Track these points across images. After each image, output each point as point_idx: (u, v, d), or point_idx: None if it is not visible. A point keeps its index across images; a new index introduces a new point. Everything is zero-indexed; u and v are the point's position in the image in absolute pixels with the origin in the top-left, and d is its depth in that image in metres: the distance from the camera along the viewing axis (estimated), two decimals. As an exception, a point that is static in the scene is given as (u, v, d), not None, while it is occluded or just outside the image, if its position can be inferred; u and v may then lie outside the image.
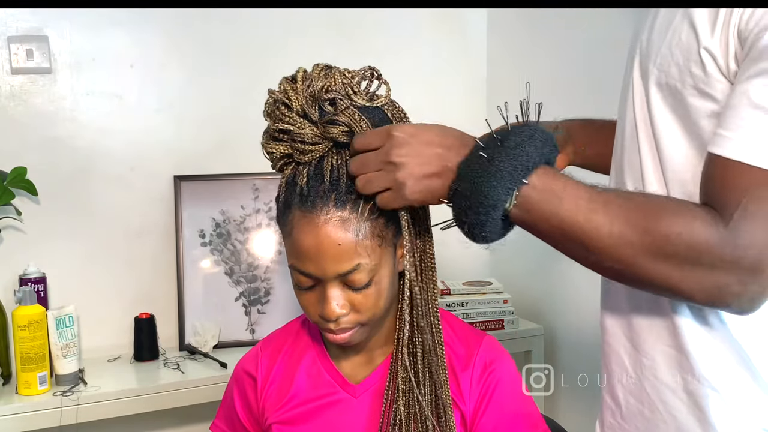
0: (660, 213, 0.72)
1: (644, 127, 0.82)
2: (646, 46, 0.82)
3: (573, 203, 0.75)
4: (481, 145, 0.79)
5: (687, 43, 0.74)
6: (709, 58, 0.72)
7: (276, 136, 0.91)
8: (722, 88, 0.73)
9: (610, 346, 0.90)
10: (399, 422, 0.93)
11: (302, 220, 0.88)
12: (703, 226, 0.70)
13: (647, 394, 0.85)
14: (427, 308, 0.94)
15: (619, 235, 0.73)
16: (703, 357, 0.79)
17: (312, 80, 0.89)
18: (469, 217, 0.78)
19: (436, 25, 2.10)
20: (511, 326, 1.90)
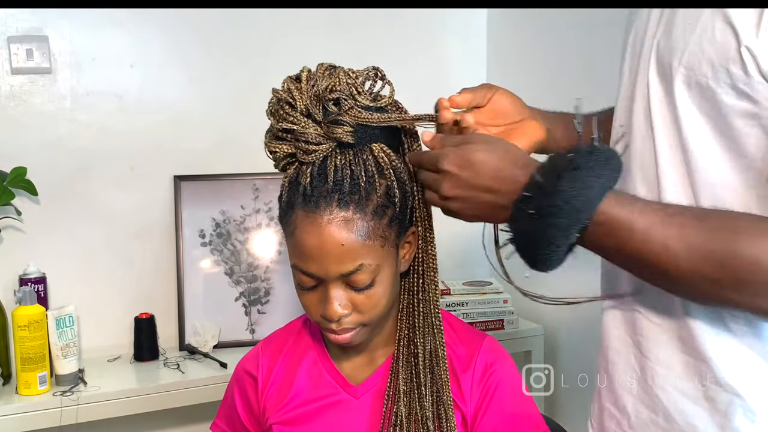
0: (736, 239, 0.68)
1: (664, 127, 0.78)
2: (667, 45, 0.77)
3: (644, 233, 0.71)
4: (527, 196, 0.74)
5: (723, 41, 0.70)
6: (750, 58, 0.68)
7: (279, 135, 0.91)
8: (763, 91, 0.69)
9: (617, 352, 0.87)
10: (400, 423, 0.93)
11: (305, 220, 0.88)
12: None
13: (662, 403, 0.81)
14: (428, 309, 0.94)
15: (696, 264, 0.69)
16: (724, 363, 0.76)
17: (316, 80, 0.89)
18: (529, 256, 0.77)
19: (436, 25, 2.10)
20: (511, 326, 1.90)
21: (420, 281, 0.95)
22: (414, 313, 0.95)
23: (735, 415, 0.77)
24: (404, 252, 0.95)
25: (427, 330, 0.94)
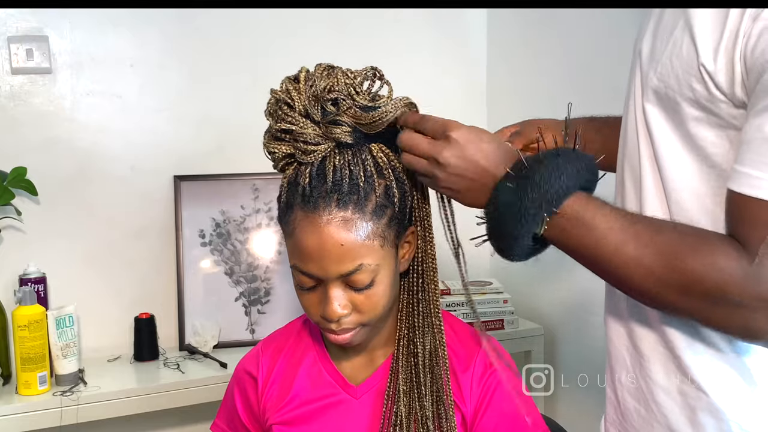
0: (686, 249, 0.72)
1: (643, 131, 0.82)
2: (649, 52, 0.82)
3: (603, 234, 0.76)
4: (511, 174, 0.80)
5: (687, 57, 0.74)
6: (709, 78, 0.72)
7: (278, 135, 0.91)
8: (723, 107, 0.72)
9: (613, 343, 0.91)
10: (400, 423, 0.93)
11: (304, 220, 0.88)
12: (727, 261, 0.70)
13: (643, 393, 0.86)
14: (428, 309, 0.94)
15: (648, 268, 0.73)
16: (693, 360, 0.80)
17: (314, 80, 0.89)
18: (499, 242, 0.81)
19: (436, 25, 2.10)
20: (511, 326, 1.90)
21: (420, 281, 0.95)
22: (414, 313, 0.95)
23: (701, 411, 0.81)
24: (404, 252, 0.94)
25: (426, 330, 0.94)
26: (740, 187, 0.69)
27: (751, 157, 0.68)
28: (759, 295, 0.68)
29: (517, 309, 1.93)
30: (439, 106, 1.21)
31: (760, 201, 0.67)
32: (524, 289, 2.01)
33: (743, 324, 0.71)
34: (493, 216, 0.80)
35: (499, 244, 0.82)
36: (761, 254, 0.68)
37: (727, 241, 0.71)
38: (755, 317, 0.69)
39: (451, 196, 0.86)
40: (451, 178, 0.82)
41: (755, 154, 0.68)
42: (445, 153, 0.82)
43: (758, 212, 0.68)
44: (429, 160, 0.83)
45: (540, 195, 0.77)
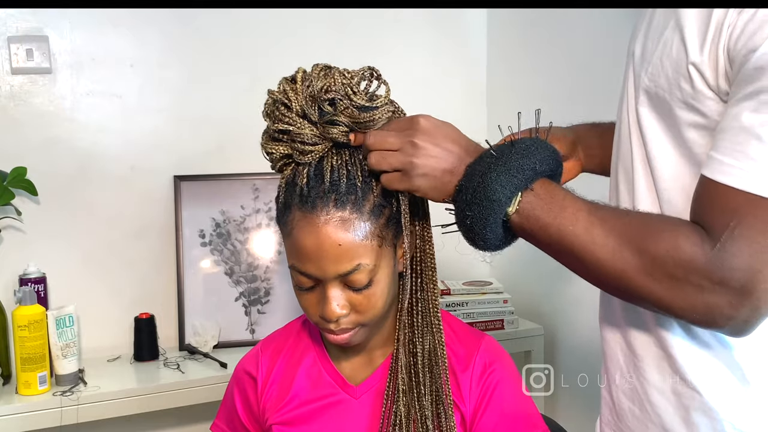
0: (650, 230, 0.74)
1: (636, 133, 0.83)
2: (641, 53, 0.83)
3: (572, 214, 0.77)
4: (492, 146, 0.81)
5: (677, 56, 0.75)
6: (697, 74, 0.73)
7: (276, 136, 0.91)
8: (711, 105, 0.73)
9: (608, 344, 0.92)
10: (399, 423, 0.93)
11: (302, 220, 0.88)
12: (688, 243, 0.71)
13: (638, 393, 0.86)
14: (427, 308, 0.94)
15: (613, 249, 0.74)
16: (687, 359, 0.81)
17: (311, 80, 0.89)
18: (472, 211, 0.80)
19: (436, 25, 2.10)
20: (511, 326, 1.90)
21: (418, 280, 0.95)
22: (413, 313, 0.95)
23: (694, 411, 0.81)
24: (402, 252, 0.95)
25: (426, 329, 0.94)
26: (713, 173, 0.70)
27: (725, 144, 0.70)
28: (720, 279, 0.69)
29: (517, 309, 1.93)
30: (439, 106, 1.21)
31: (730, 188, 0.69)
32: (524, 289, 2.01)
33: (705, 309, 0.71)
34: (465, 198, 0.80)
35: (472, 217, 0.81)
36: (724, 240, 0.69)
37: (690, 226, 0.73)
38: (717, 302, 0.70)
39: (425, 187, 0.84)
40: (428, 162, 0.82)
41: (730, 143, 0.69)
42: (418, 136, 0.82)
43: (727, 199, 0.69)
44: (403, 151, 0.83)
45: (519, 162, 0.78)
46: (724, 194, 0.69)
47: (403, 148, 0.83)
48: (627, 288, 0.76)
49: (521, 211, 0.79)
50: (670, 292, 0.72)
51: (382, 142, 0.85)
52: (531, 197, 0.79)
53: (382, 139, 0.85)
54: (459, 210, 0.82)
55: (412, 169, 0.82)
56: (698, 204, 0.73)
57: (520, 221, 0.80)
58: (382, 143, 0.85)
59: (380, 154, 0.85)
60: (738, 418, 0.80)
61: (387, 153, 0.84)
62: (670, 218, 0.77)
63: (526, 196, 0.79)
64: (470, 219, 0.80)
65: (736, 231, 0.68)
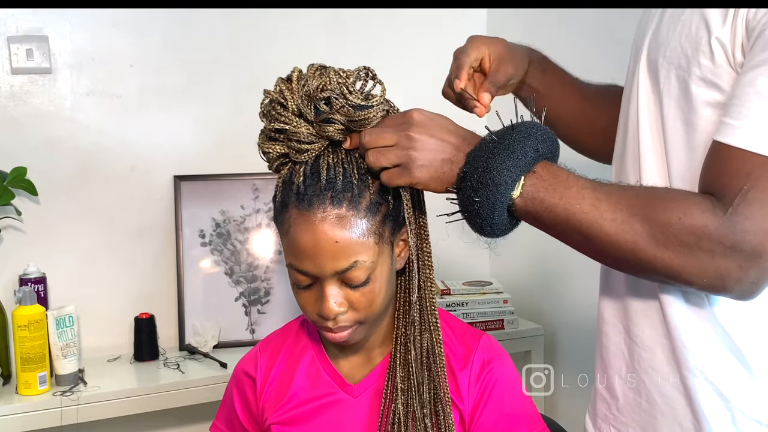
0: (659, 200, 0.74)
1: (649, 122, 0.83)
2: (655, 42, 0.83)
3: (578, 192, 0.77)
4: (491, 132, 0.82)
5: (696, 34, 0.75)
6: (719, 48, 0.73)
7: (272, 136, 0.92)
8: (728, 79, 0.74)
9: (609, 338, 0.91)
10: (398, 421, 0.93)
11: (299, 218, 0.88)
12: (700, 210, 0.71)
13: (646, 386, 0.86)
14: (425, 306, 0.95)
15: (622, 221, 0.74)
16: (695, 349, 0.81)
17: (307, 80, 0.90)
18: (479, 196, 0.79)
19: (436, 25, 2.10)
20: (511, 326, 1.90)
21: (416, 278, 0.95)
22: (411, 311, 0.95)
23: (707, 403, 0.81)
24: (399, 249, 0.95)
25: (423, 327, 0.94)
26: (726, 137, 0.71)
27: (739, 110, 0.70)
28: (733, 243, 0.70)
29: (517, 309, 1.93)
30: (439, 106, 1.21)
31: (744, 151, 0.69)
32: (524, 289, 2.01)
33: (715, 273, 0.72)
34: (470, 185, 0.80)
35: (479, 203, 0.80)
36: (736, 204, 0.69)
37: (700, 195, 0.73)
38: (728, 266, 0.71)
39: (426, 179, 0.83)
40: (426, 154, 0.82)
41: (745, 108, 0.70)
42: (413, 129, 0.82)
43: (741, 162, 0.70)
44: (399, 145, 0.83)
45: (522, 144, 0.78)
46: (738, 158, 0.70)
47: (399, 142, 0.83)
48: (638, 260, 0.76)
49: (525, 195, 0.79)
50: (681, 259, 0.73)
51: (377, 139, 0.85)
52: (534, 179, 0.79)
53: (377, 136, 0.85)
54: (464, 197, 0.81)
55: (410, 162, 0.82)
56: (709, 170, 0.74)
57: (524, 204, 0.80)
58: (378, 140, 0.85)
59: (378, 152, 0.85)
60: (749, 406, 0.80)
61: (384, 149, 0.84)
62: (677, 189, 0.78)
63: (529, 179, 0.79)
64: (478, 204, 0.80)
65: (750, 194, 0.69)
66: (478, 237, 0.86)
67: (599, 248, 0.78)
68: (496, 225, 0.81)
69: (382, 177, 0.86)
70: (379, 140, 0.85)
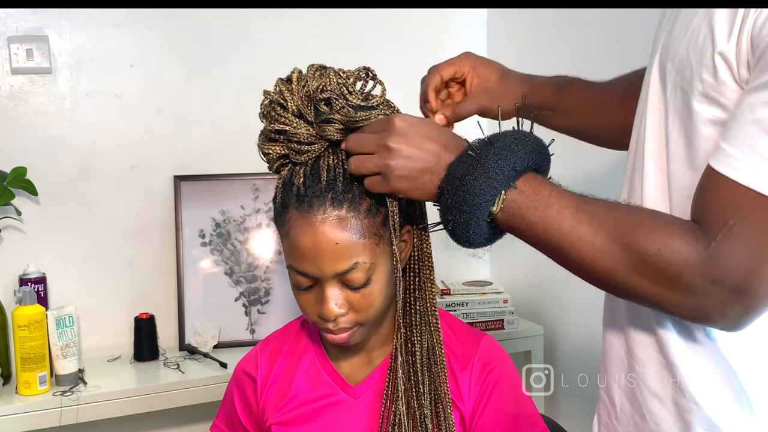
0: (641, 227, 0.71)
1: (654, 130, 0.79)
2: (668, 45, 0.79)
3: (558, 211, 0.75)
4: (470, 145, 0.79)
5: (702, 46, 0.71)
6: (723, 64, 0.69)
7: (272, 137, 0.91)
8: (733, 96, 0.70)
9: (612, 345, 0.89)
10: (399, 422, 0.92)
11: (299, 219, 0.88)
12: (681, 244, 0.68)
13: (638, 399, 0.83)
14: (425, 307, 0.95)
15: (601, 246, 0.72)
16: (688, 370, 0.77)
17: (307, 81, 0.89)
18: (453, 215, 0.78)
19: (436, 25, 2.10)
20: (511, 326, 1.90)
21: (416, 279, 0.95)
22: (411, 312, 0.95)
23: (695, 425, 0.77)
24: (400, 251, 0.94)
25: (424, 328, 0.94)
26: (719, 164, 0.67)
27: (736, 135, 0.67)
28: (714, 279, 0.67)
29: (517, 309, 1.93)
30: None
31: (735, 183, 0.66)
32: (524, 289, 2.01)
33: (696, 306, 0.69)
34: (446, 202, 0.79)
35: (453, 221, 0.79)
36: (720, 239, 0.66)
37: (684, 224, 0.70)
38: (709, 301, 0.68)
39: (405, 188, 0.82)
40: (404, 163, 0.80)
41: (741, 134, 0.66)
42: (392, 138, 0.81)
43: (730, 194, 0.66)
44: (378, 154, 0.82)
45: (498, 163, 0.76)
46: (728, 188, 0.66)
47: (378, 151, 0.82)
48: (617, 285, 0.74)
49: (506, 210, 0.77)
50: (659, 290, 0.70)
51: (358, 145, 0.85)
52: (515, 195, 0.77)
53: (358, 142, 0.85)
54: (441, 212, 0.80)
55: (388, 172, 0.81)
56: (701, 195, 0.71)
57: (505, 219, 0.78)
58: (358, 147, 0.85)
59: (358, 158, 0.85)
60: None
61: (365, 156, 0.84)
62: (662, 215, 0.74)
63: (511, 194, 0.77)
64: (452, 223, 0.79)
65: (735, 229, 0.66)
66: None
67: (579, 269, 0.76)
68: (472, 240, 0.80)
69: (365, 183, 0.86)
70: (360, 147, 0.85)
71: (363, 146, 0.84)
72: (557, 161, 0.86)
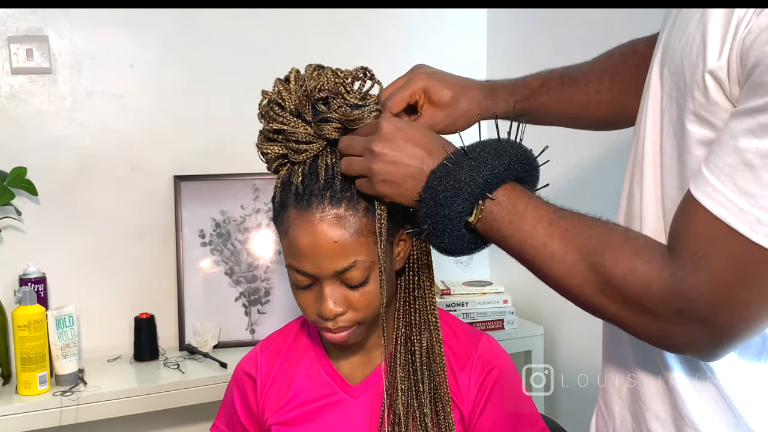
0: (610, 248, 0.69)
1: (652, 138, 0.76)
2: (666, 44, 0.75)
3: (532, 226, 0.74)
4: (449, 154, 0.79)
5: (695, 61, 0.67)
6: (713, 83, 0.65)
7: (270, 136, 0.92)
8: (725, 117, 0.65)
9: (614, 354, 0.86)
10: (398, 422, 0.93)
11: (298, 218, 0.88)
12: (647, 269, 0.66)
13: (638, 417, 0.81)
14: (424, 306, 0.95)
15: (571, 264, 0.71)
16: (688, 396, 0.74)
17: (305, 80, 0.90)
18: (427, 224, 0.78)
19: (436, 25, 2.10)
20: (511, 326, 1.90)
21: (416, 278, 0.96)
22: (410, 311, 0.95)
23: None
24: (399, 250, 0.95)
25: (423, 327, 0.94)
26: (696, 190, 0.64)
27: (716, 162, 0.63)
28: (678, 308, 0.64)
29: (517, 309, 1.93)
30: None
31: (710, 213, 0.62)
32: (524, 289, 2.01)
33: (663, 334, 0.68)
34: (422, 210, 0.78)
35: (428, 231, 0.79)
36: (687, 270, 0.63)
37: (655, 249, 0.67)
38: (672, 330, 0.66)
39: (389, 193, 0.82)
40: (388, 168, 0.80)
41: (721, 161, 0.62)
42: (377, 143, 0.81)
43: (704, 224, 0.63)
44: (365, 157, 0.82)
45: (471, 175, 0.75)
46: (702, 217, 0.63)
47: (364, 153, 0.82)
48: (586, 304, 0.72)
49: (484, 221, 0.76)
50: (626, 314, 0.69)
51: (347, 147, 0.85)
52: (493, 206, 0.76)
53: (348, 144, 0.85)
54: (419, 220, 0.80)
55: (372, 175, 0.82)
56: (677, 218, 0.68)
57: (484, 230, 0.77)
58: (348, 148, 0.85)
59: (347, 160, 0.85)
60: None
61: (353, 159, 0.84)
62: (635, 237, 0.71)
63: (489, 205, 0.76)
64: (426, 233, 0.79)
65: (702, 262, 0.63)
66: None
67: (551, 285, 0.75)
68: (452, 249, 0.80)
69: (356, 184, 0.86)
70: (349, 149, 0.85)
71: (351, 148, 0.85)
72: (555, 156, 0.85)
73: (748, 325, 0.64)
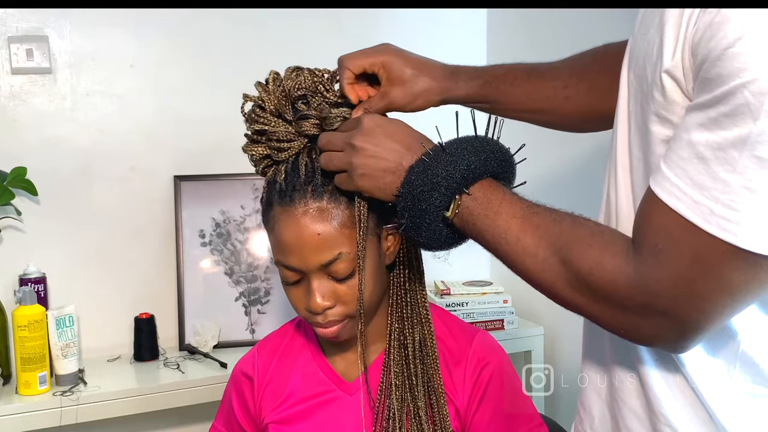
0: (579, 243, 0.70)
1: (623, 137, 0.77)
2: (631, 49, 0.76)
3: (506, 221, 0.75)
4: (427, 150, 0.79)
5: (655, 62, 0.68)
6: (671, 81, 0.66)
7: (254, 138, 0.95)
8: (681, 112, 0.66)
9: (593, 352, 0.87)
10: (393, 416, 0.93)
11: (282, 214, 0.90)
12: (613, 264, 0.67)
13: (616, 415, 0.81)
14: (415, 299, 0.95)
15: (543, 259, 0.72)
16: (661, 393, 0.75)
17: (282, 81, 0.92)
18: (405, 219, 0.79)
19: (436, 25, 2.10)
20: (511, 326, 1.89)
21: (406, 271, 0.96)
22: (402, 305, 0.96)
23: None
24: (388, 244, 0.95)
25: (415, 321, 0.95)
26: (655, 185, 0.65)
27: (671, 156, 0.64)
28: (644, 303, 0.66)
29: (517, 309, 1.92)
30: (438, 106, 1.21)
31: (667, 207, 0.63)
32: (524, 289, 1.99)
33: (632, 328, 0.68)
34: (405, 198, 0.79)
35: (405, 225, 0.80)
36: (649, 264, 0.64)
37: (621, 243, 0.68)
38: (639, 323, 0.67)
39: (369, 188, 0.83)
40: (367, 162, 0.81)
41: (677, 155, 0.63)
42: (357, 137, 0.82)
43: (662, 217, 0.64)
44: (345, 151, 0.83)
45: (447, 170, 0.76)
46: (661, 211, 0.64)
47: (344, 148, 0.83)
48: (558, 298, 0.73)
49: (460, 216, 0.77)
50: (595, 307, 0.70)
51: (328, 142, 0.87)
52: (469, 202, 0.77)
53: (328, 139, 0.87)
54: (399, 212, 0.81)
55: (351, 170, 0.83)
56: (638, 213, 0.69)
57: (461, 225, 0.78)
58: (328, 144, 0.86)
59: (327, 155, 0.86)
60: None
61: (332, 153, 0.85)
62: (602, 231, 0.72)
63: (465, 200, 0.77)
64: (404, 227, 0.80)
65: (662, 255, 0.64)
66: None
67: (526, 280, 0.76)
68: (429, 243, 0.81)
69: (335, 179, 0.87)
70: (329, 144, 0.86)
71: (331, 144, 0.86)
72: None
73: (709, 317, 0.65)
